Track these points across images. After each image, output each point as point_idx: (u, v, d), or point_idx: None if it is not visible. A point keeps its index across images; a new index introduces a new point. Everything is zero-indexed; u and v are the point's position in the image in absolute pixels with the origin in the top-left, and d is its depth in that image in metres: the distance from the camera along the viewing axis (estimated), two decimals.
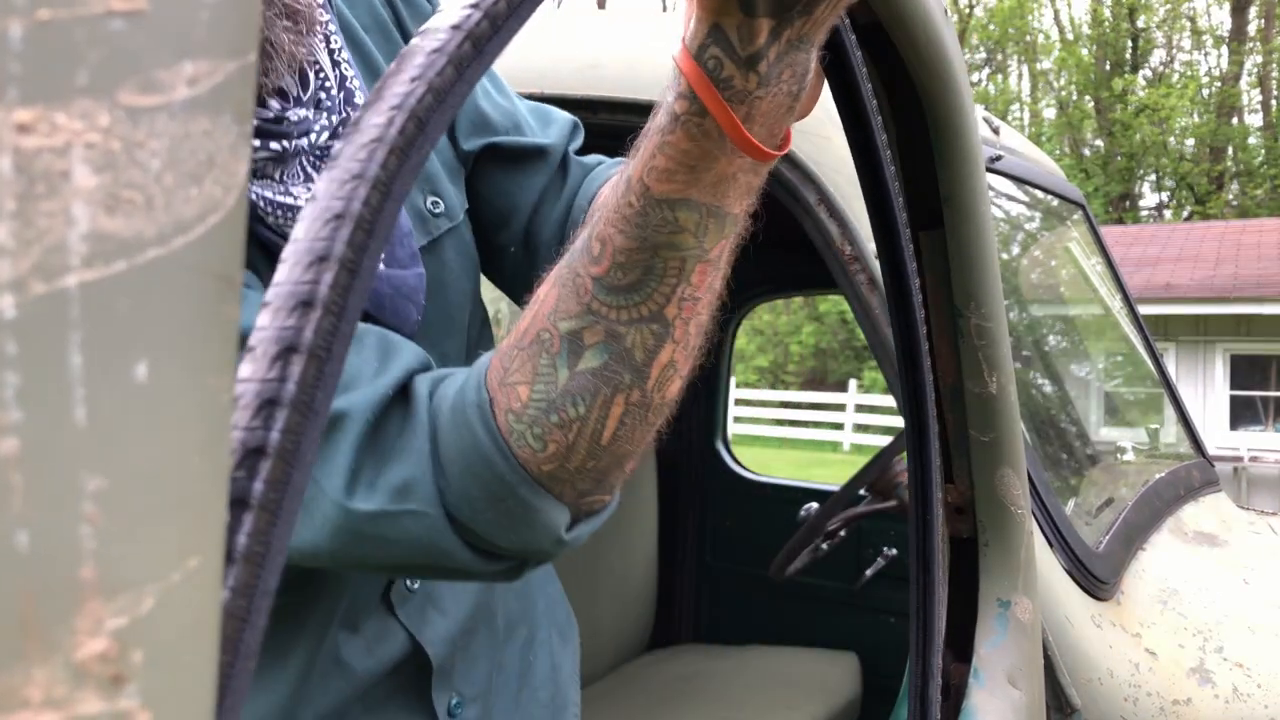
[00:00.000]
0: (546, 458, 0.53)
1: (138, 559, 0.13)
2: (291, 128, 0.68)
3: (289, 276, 0.21)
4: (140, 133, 0.13)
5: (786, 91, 0.46)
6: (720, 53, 0.44)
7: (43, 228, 0.12)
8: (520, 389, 0.53)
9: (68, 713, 0.12)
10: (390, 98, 0.24)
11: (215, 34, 0.14)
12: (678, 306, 0.51)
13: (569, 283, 0.52)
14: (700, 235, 0.49)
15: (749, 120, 0.46)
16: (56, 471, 0.12)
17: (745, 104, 0.45)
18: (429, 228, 0.78)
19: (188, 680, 0.13)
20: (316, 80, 0.70)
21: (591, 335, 0.51)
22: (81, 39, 0.12)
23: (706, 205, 0.48)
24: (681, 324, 0.52)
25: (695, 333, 0.53)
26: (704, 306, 0.52)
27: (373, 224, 0.22)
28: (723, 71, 0.45)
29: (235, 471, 0.19)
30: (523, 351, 0.54)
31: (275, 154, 0.67)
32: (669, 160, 0.47)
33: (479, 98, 0.85)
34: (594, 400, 0.52)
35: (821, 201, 1.21)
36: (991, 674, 0.91)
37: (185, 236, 0.13)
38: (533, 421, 0.53)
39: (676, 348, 0.52)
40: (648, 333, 0.51)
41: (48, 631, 0.12)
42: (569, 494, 0.56)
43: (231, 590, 0.18)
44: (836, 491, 1.87)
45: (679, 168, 0.47)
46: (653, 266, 0.49)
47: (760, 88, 0.45)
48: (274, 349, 0.21)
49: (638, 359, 0.51)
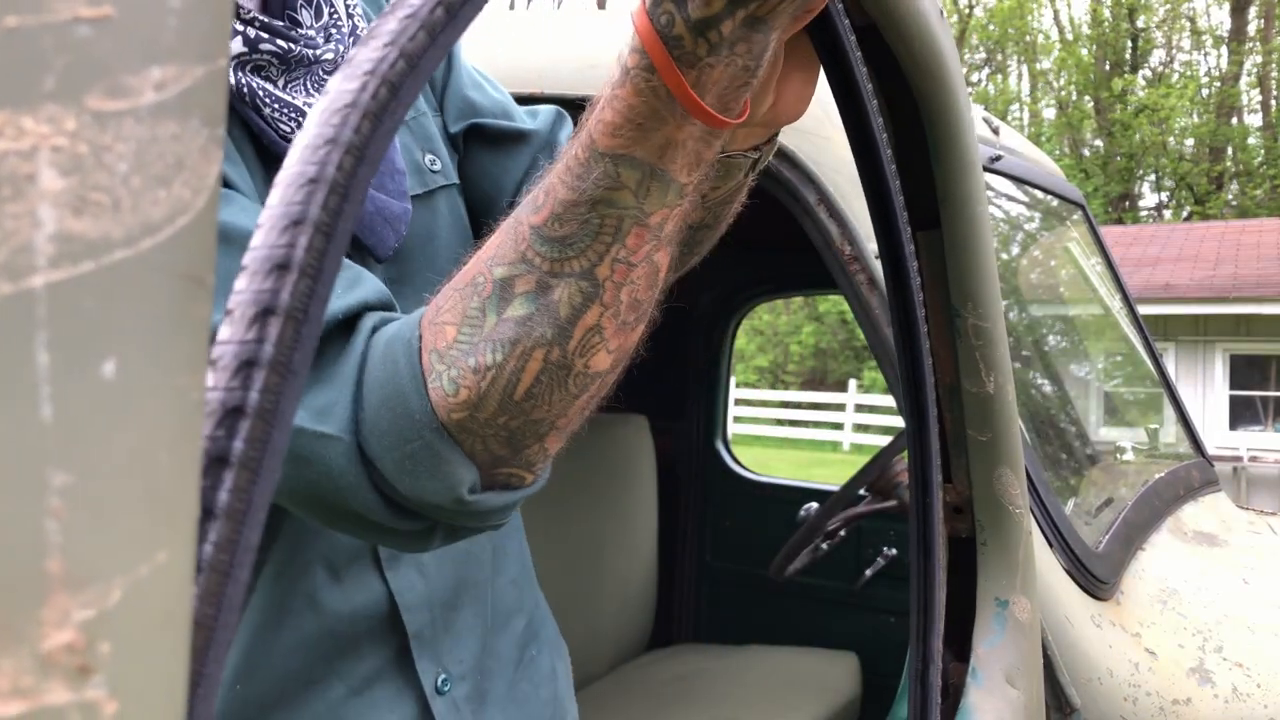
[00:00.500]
0: (458, 404, 0.52)
1: (104, 553, 0.13)
2: (299, 36, 0.71)
3: (265, 240, 0.22)
4: (107, 136, 0.13)
5: (741, 65, 0.46)
6: (673, 9, 0.44)
7: (9, 229, 0.12)
8: (448, 329, 0.53)
9: (35, 702, 0.12)
10: (363, 63, 0.25)
11: (183, 39, 0.14)
12: (610, 268, 0.50)
13: (510, 230, 0.52)
14: (640, 196, 0.49)
15: (699, 86, 0.46)
16: (22, 466, 0.12)
17: (695, 69, 0.45)
18: (425, 180, 0.79)
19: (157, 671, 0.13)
20: (330, 16, 0.74)
21: (522, 284, 0.51)
22: (49, 45, 0.12)
23: (650, 166, 0.48)
24: (613, 287, 0.51)
25: (627, 303, 0.52)
26: (639, 276, 0.51)
27: (347, 188, 0.23)
28: (673, 29, 0.45)
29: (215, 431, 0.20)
30: (457, 293, 0.53)
31: (279, 52, 0.69)
32: (616, 114, 0.47)
33: (469, 89, 0.87)
34: (512, 350, 0.51)
35: (821, 201, 1.21)
36: (989, 673, 0.91)
37: (153, 238, 0.13)
38: (452, 363, 0.52)
39: (605, 313, 0.51)
40: (576, 289, 0.50)
41: (14, 623, 0.12)
42: (480, 453, 0.55)
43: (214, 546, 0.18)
44: (836, 491, 1.88)
45: (625, 123, 0.47)
46: (589, 220, 0.49)
47: (711, 55, 0.45)
48: (251, 311, 0.21)
49: (562, 315, 0.51)
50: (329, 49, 0.73)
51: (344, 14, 0.76)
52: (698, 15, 0.44)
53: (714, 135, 0.49)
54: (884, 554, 2.29)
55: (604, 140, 0.48)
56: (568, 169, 0.50)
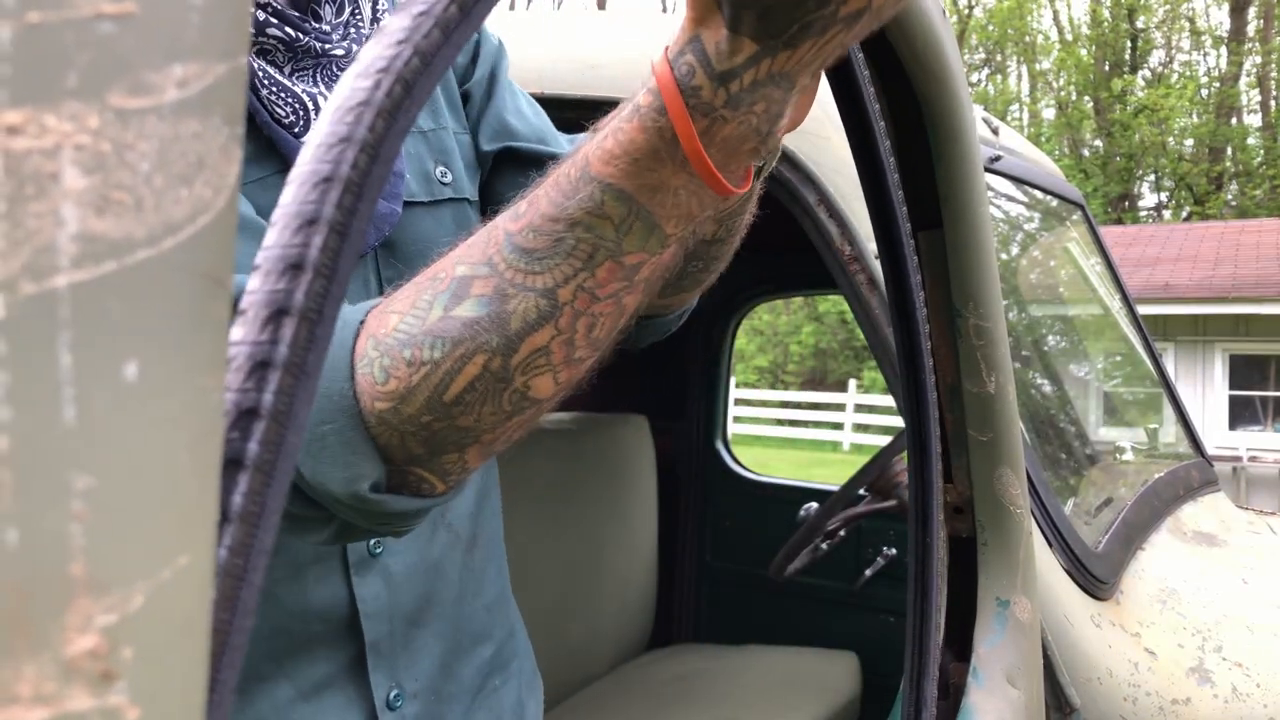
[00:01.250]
0: (384, 393, 0.51)
1: (127, 556, 0.13)
2: (312, 29, 0.71)
3: (279, 240, 0.21)
4: (130, 134, 0.13)
5: (753, 126, 0.45)
6: (694, 61, 0.44)
7: (32, 229, 0.12)
8: (391, 317, 0.52)
9: (57, 709, 0.12)
10: (377, 60, 0.24)
11: (205, 36, 0.14)
12: (573, 293, 0.49)
13: (486, 233, 0.51)
14: (621, 231, 0.48)
15: (707, 137, 0.45)
16: (46, 470, 0.12)
17: (707, 118, 0.44)
18: (432, 190, 0.79)
19: (177, 677, 0.13)
20: (352, 14, 0.76)
21: (480, 286, 0.49)
22: (71, 41, 0.12)
23: (638, 204, 0.47)
24: (571, 313, 0.49)
25: (583, 333, 0.50)
26: (602, 311, 0.50)
27: (361, 187, 0.22)
28: (693, 80, 0.44)
29: (229, 433, 0.19)
30: (414, 284, 0.52)
31: (286, 39, 0.70)
32: (616, 144, 0.47)
33: (509, 114, 0.86)
34: (453, 349, 0.50)
35: (821, 202, 1.21)
36: (990, 673, 0.91)
37: (175, 237, 0.13)
38: (386, 350, 0.51)
39: (557, 337, 0.50)
40: (533, 304, 0.49)
41: (37, 628, 0.12)
42: (396, 448, 0.53)
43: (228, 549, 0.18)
44: (836, 491, 1.88)
45: (624, 155, 0.46)
46: (563, 239, 0.48)
47: (727, 108, 0.44)
48: (265, 312, 0.21)
49: (512, 327, 0.49)
50: (343, 45, 0.74)
51: (368, 16, 0.77)
52: (721, 67, 0.43)
53: (707, 193, 0.48)
54: (884, 554, 2.29)
55: (598, 165, 0.47)
56: (556, 184, 0.49)
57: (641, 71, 1.28)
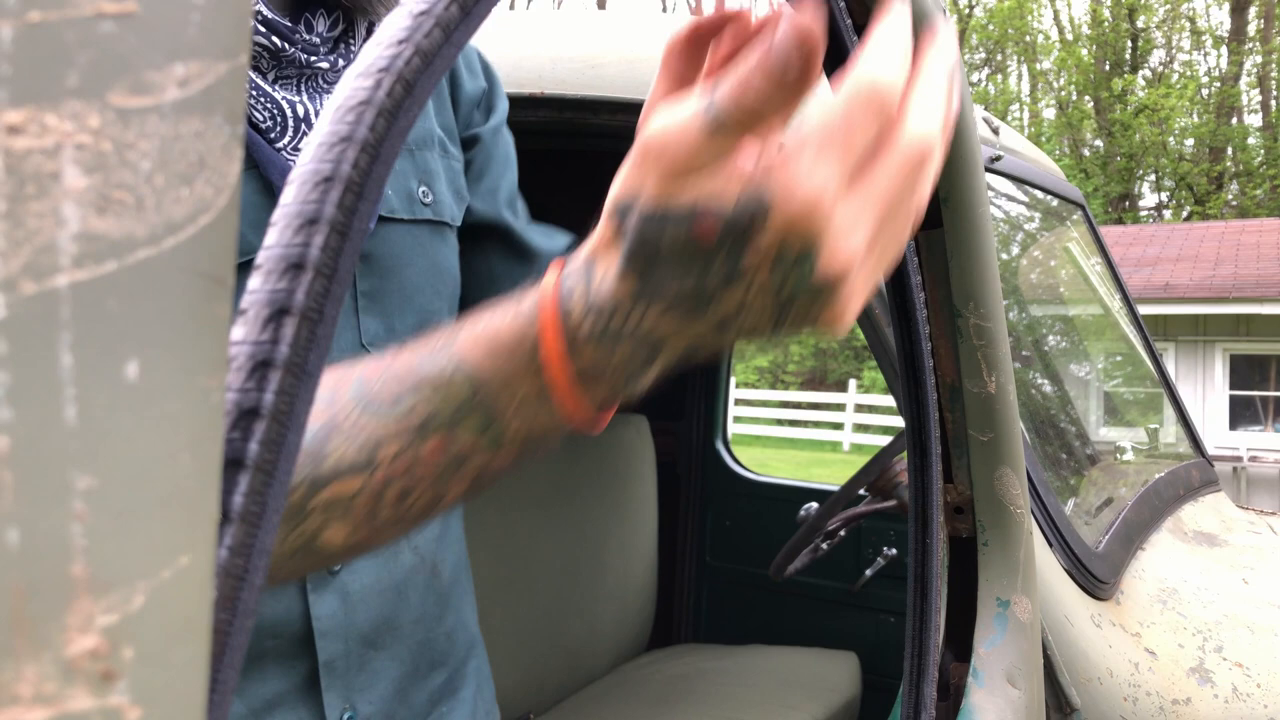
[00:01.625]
0: None
1: (128, 556, 0.13)
2: (299, 40, 0.72)
3: (280, 239, 0.21)
4: (131, 134, 0.13)
5: (614, 366, 0.43)
6: (579, 280, 0.42)
7: (33, 228, 0.12)
8: None
9: (58, 709, 0.12)
10: (379, 60, 0.24)
11: (207, 35, 0.14)
12: (394, 453, 0.45)
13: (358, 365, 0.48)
14: (461, 413, 0.45)
15: (568, 359, 0.43)
16: (47, 469, 0.12)
17: (571, 342, 0.42)
18: (413, 209, 0.79)
19: (178, 677, 0.13)
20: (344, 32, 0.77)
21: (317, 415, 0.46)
22: (72, 40, 0.12)
23: (485, 394, 0.44)
24: (384, 475, 0.46)
25: (392, 500, 0.46)
26: (417, 485, 0.46)
27: (362, 186, 0.22)
28: (572, 298, 0.42)
29: (230, 433, 0.19)
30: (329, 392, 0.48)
31: (271, 47, 0.71)
32: (487, 329, 0.45)
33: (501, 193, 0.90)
34: None
35: None
36: (991, 673, 0.91)
37: (176, 237, 0.13)
38: None
39: (364, 492, 0.46)
40: (353, 451, 0.45)
41: (38, 628, 0.12)
42: None
43: (229, 549, 0.18)
44: (836, 491, 1.88)
45: (487, 341, 0.44)
46: (402, 399, 0.45)
47: (589, 342, 0.42)
48: (266, 311, 0.21)
49: (326, 465, 0.45)
50: (329, 59, 0.74)
51: (361, 36, 0.79)
52: (596, 299, 0.41)
53: (554, 412, 0.45)
54: (884, 554, 2.29)
55: (463, 341, 0.45)
56: (429, 344, 0.46)
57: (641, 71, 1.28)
